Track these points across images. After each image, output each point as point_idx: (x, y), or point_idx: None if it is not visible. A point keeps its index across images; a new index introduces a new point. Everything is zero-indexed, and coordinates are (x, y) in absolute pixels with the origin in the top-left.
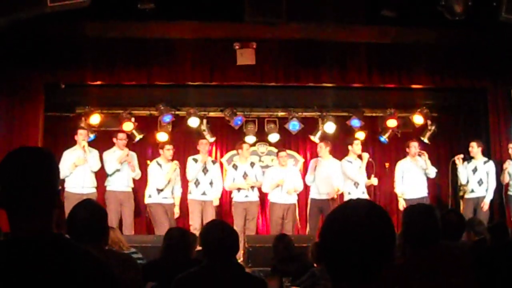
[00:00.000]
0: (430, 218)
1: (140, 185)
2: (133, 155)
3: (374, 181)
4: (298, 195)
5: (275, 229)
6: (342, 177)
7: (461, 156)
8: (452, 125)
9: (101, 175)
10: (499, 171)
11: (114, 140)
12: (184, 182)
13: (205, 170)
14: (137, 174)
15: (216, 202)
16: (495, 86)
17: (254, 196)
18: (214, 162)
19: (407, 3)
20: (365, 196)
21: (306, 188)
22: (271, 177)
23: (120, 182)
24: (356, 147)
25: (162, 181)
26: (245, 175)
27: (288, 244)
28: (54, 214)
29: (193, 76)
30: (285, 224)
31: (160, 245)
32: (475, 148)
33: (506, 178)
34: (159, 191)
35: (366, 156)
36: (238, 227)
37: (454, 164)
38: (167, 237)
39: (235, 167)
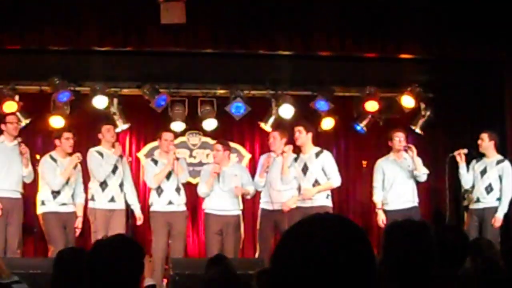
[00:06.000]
0: (422, 241)
1: (30, 189)
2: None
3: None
4: (244, 203)
5: (211, 250)
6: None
7: (464, 151)
8: (454, 110)
9: None
10: None
11: (3, 126)
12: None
13: (115, 167)
14: (30, 173)
15: (138, 213)
16: None
17: (181, 204)
18: (122, 156)
19: None
20: (329, 201)
21: (256, 195)
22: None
23: (6, 186)
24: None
25: (59, 180)
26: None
27: (226, 269)
28: None
29: (101, 40)
30: (225, 243)
31: None
32: (485, 141)
33: None
34: (55, 195)
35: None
36: (158, 247)
37: (454, 161)
38: (57, 261)
39: (154, 161)
